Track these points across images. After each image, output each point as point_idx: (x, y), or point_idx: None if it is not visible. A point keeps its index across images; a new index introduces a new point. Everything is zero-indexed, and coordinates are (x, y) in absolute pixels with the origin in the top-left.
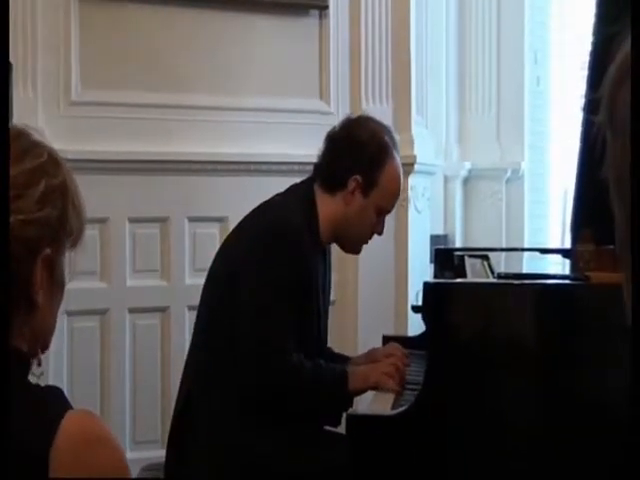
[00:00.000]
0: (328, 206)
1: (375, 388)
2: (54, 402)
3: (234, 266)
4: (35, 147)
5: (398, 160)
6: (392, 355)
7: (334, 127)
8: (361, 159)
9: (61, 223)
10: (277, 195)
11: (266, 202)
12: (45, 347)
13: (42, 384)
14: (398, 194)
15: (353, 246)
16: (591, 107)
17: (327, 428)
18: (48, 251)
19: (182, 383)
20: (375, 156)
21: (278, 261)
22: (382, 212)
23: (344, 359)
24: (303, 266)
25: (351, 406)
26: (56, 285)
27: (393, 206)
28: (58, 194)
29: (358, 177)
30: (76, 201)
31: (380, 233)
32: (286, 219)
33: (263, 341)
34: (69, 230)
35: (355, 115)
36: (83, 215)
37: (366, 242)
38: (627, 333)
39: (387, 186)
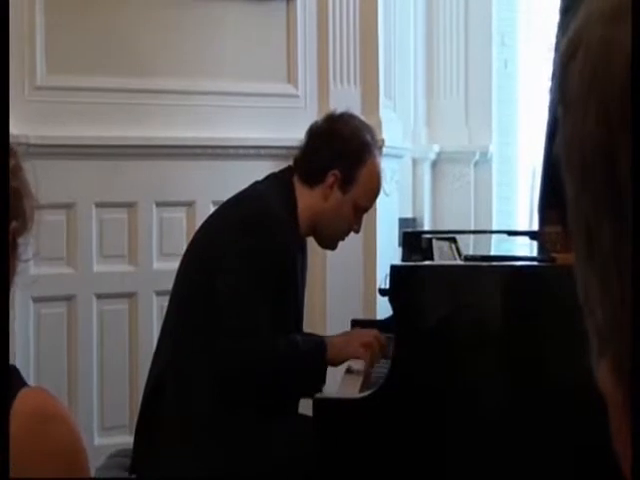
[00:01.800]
0: (307, 199)
1: (356, 357)
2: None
3: (215, 252)
4: None
5: (379, 160)
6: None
7: (316, 121)
8: (341, 154)
9: (22, 200)
10: (257, 183)
11: (246, 190)
12: None
13: None
14: (377, 193)
15: (329, 242)
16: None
17: (302, 412)
18: (15, 224)
19: (152, 366)
20: (355, 152)
21: (260, 248)
22: (360, 209)
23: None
24: (284, 254)
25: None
26: (16, 260)
27: (371, 204)
28: (20, 174)
29: (337, 172)
30: (31, 190)
31: (357, 231)
32: (267, 209)
33: (240, 325)
34: (26, 211)
35: (339, 111)
36: (34, 206)
37: (342, 238)
38: (580, 311)
39: (366, 184)
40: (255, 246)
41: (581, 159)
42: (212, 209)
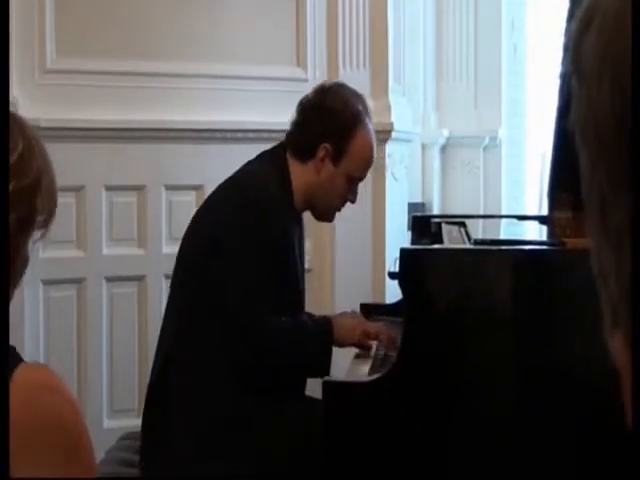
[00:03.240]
0: (300, 174)
1: (358, 345)
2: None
3: (214, 235)
4: (10, 138)
5: (370, 128)
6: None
7: (307, 95)
8: (331, 127)
9: (29, 220)
10: (249, 163)
11: (240, 171)
12: None
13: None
14: (370, 163)
15: (325, 214)
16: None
17: (310, 395)
18: (16, 227)
19: (158, 350)
20: (345, 124)
21: (258, 230)
22: (354, 180)
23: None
24: (283, 234)
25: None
26: (20, 261)
27: (365, 175)
28: (26, 194)
29: (327, 145)
30: (49, 185)
31: (353, 201)
32: (264, 188)
33: (246, 307)
34: (39, 219)
35: (329, 83)
36: (54, 197)
37: (338, 210)
38: (597, 296)
39: (358, 155)
40: (254, 228)
41: (596, 130)
42: None
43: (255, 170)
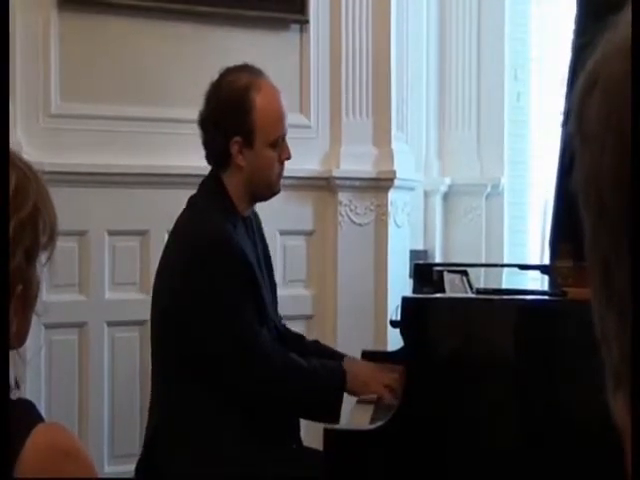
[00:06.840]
0: (232, 180)
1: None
2: (24, 416)
3: (174, 302)
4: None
5: (263, 85)
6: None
7: (200, 109)
8: (227, 122)
9: (35, 247)
10: (192, 197)
11: (181, 217)
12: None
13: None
14: (280, 116)
15: (271, 190)
16: (567, 121)
17: (306, 445)
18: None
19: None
20: (236, 107)
21: (220, 272)
22: (277, 142)
23: (336, 356)
24: (240, 262)
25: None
26: (34, 287)
27: (284, 129)
28: (29, 224)
29: (236, 138)
30: (49, 213)
31: (288, 158)
32: (202, 229)
33: (242, 344)
34: (42, 240)
35: (210, 85)
36: (55, 221)
37: (280, 177)
38: (598, 347)
39: (265, 120)
40: (215, 273)
41: (597, 192)
42: None
43: (194, 209)
